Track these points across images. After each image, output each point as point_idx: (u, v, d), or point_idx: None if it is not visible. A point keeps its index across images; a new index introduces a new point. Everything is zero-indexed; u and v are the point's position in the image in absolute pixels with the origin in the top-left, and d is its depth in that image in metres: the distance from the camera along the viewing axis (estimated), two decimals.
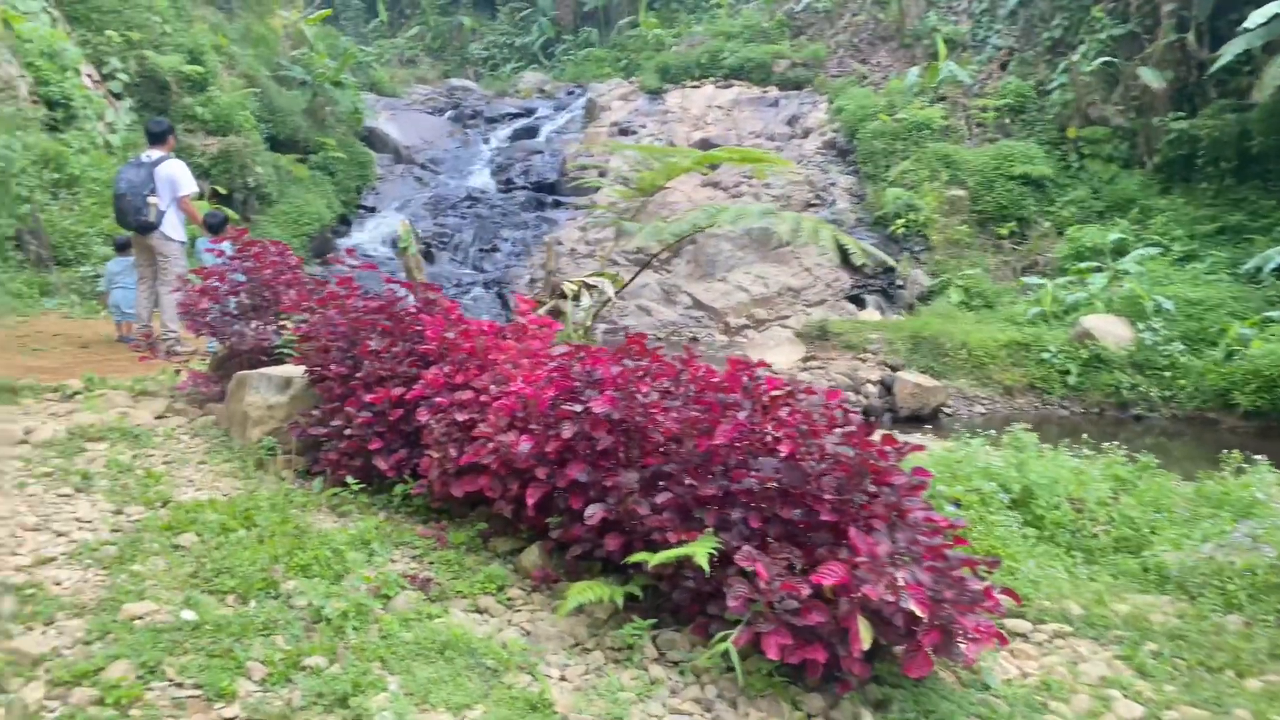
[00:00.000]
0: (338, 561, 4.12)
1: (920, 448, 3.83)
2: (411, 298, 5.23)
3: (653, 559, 3.40)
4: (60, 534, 4.32)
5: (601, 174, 24.41)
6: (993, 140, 20.13)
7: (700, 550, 3.25)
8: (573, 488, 3.88)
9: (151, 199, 8.52)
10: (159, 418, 6.34)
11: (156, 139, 8.87)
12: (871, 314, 16.87)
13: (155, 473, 5.16)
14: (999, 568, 4.32)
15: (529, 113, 29.15)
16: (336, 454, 4.89)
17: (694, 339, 16.20)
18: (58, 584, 3.84)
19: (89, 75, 14.74)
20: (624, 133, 24.66)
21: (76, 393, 6.65)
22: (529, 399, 4.07)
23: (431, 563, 4.25)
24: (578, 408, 3.84)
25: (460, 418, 4.34)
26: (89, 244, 11.37)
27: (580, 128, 26.82)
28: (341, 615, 3.61)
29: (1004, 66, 22.05)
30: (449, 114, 29.65)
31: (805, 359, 14.16)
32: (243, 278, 6.74)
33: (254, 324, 6.61)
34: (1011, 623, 4.50)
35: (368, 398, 4.71)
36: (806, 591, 3.14)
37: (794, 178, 20.10)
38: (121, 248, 9.23)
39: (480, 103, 30.87)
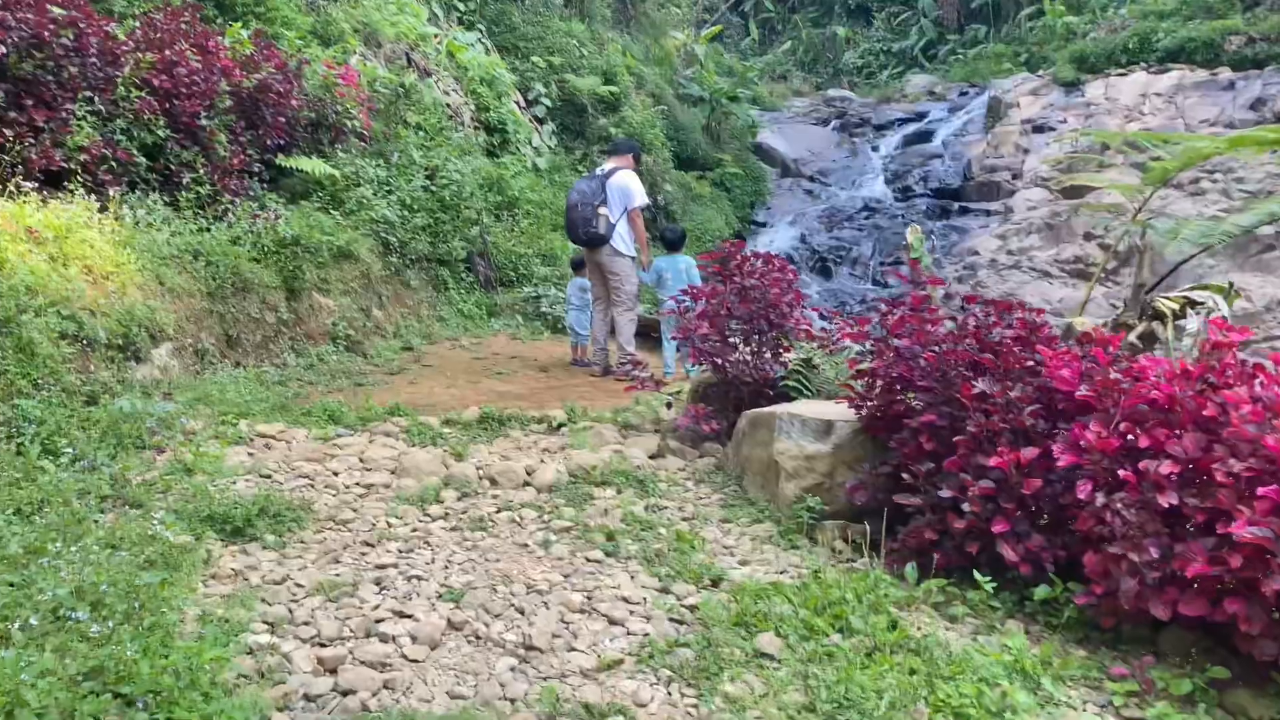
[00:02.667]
0: (998, 703, 2.86)
1: None
2: (1012, 327, 3.90)
3: None
4: (613, 622, 3.44)
5: (1015, 176, 22.07)
6: None
7: None
8: None
9: (601, 210, 8.02)
10: (653, 457, 5.54)
11: (614, 151, 8.41)
12: None
13: (685, 535, 4.24)
14: None
15: (920, 117, 27.29)
16: (933, 531, 3.66)
17: None
18: (642, 705, 2.90)
19: (516, 101, 15.14)
20: (1038, 130, 22.11)
21: (561, 424, 6.04)
22: None
23: None
24: None
25: (1165, 501, 2.93)
26: (529, 265, 11.33)
27: (982, 129, 24.58)
28: None
29: None
30: (834, 124, 28.51)
31: None
32: (735, 297, 5.81)
33: (755, 350, 5.64)
34: None
35: (990, 461, 3.43)
36: None
37: (1275, 170, 16.66)
38: (577, 267, 8.84)
39: (865, 110, 29.45)
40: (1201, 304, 5.22)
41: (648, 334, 9.96)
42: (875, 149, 25.74)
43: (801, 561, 4.03)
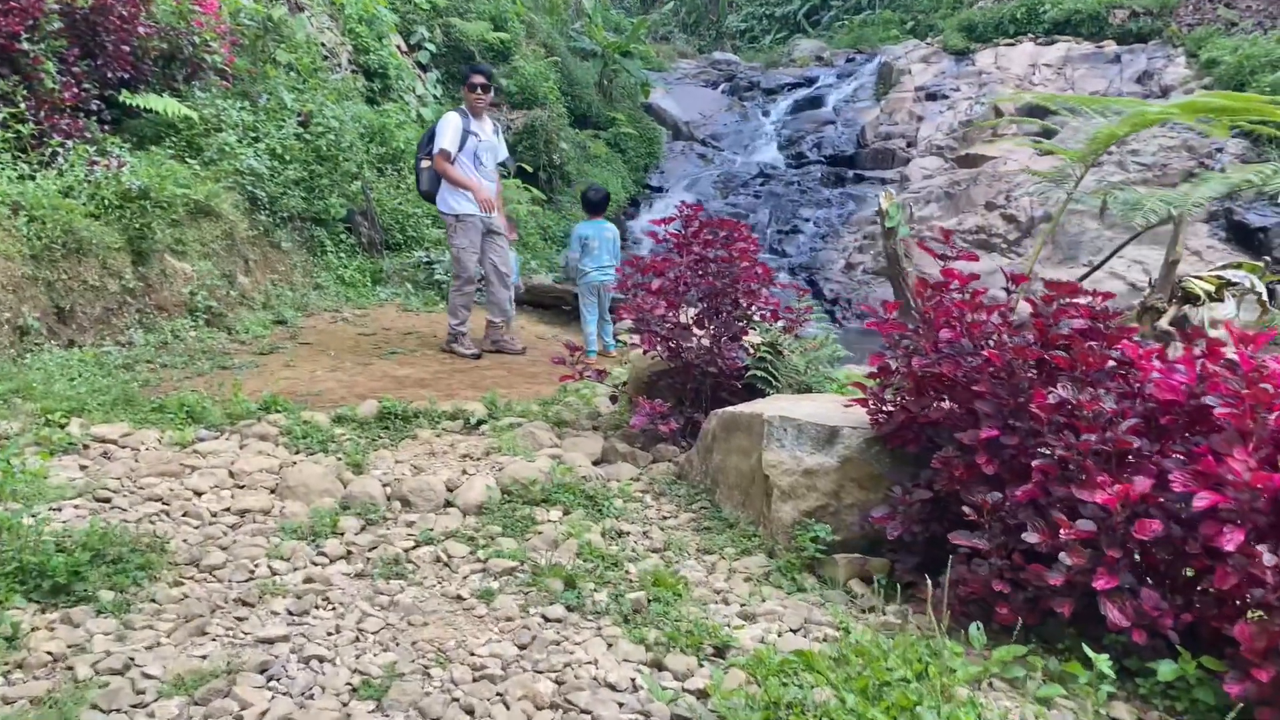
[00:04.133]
0: None
1: None
2: (1078, 316, 3.10)
3: None
4: None
5: (910, 144, 21.84)
6: None
7: None
8: None
9: (424, 162, 7.01)
10: (597, 463, 4.60)
11: None
12: None
13: (665, 579, 3.33)
14: None
15: (809, 82, 26.83)
16: (1003, 582, 2.85)
17: None
18: None
19: (397, 45, 13.75)
20: (931, 98, 21.91)
21: (480, 421, 5.03)
22: None
23: None
24: None
25: None
26: (419, 226, 10.12)
27: (873, 95, 24.27)
28: None
29: None
30: (723, 87, 27.83)
31: None
32: (693, 272, 4.89)
33: (715, 335, 4.75)
34: None
35: (1093, 495, 2.64)
36: None
37: (1167, 143, 16.76)
38: None
39: (753, 74, 28.85)
40: (1238, 284, 4.62)
41: (559, 306, 8.98)
42: (766, 114, 25.13)
43: (821, 613, 3.17)
